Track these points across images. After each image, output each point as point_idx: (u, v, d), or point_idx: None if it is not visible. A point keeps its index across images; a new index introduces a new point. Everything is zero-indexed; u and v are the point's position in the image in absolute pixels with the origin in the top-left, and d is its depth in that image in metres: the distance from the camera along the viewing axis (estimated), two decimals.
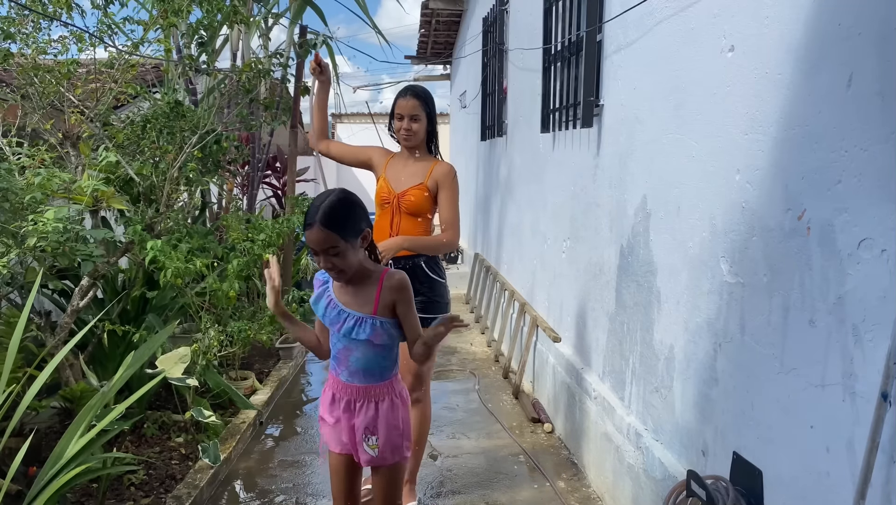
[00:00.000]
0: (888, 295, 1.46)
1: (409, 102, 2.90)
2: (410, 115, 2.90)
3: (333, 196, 1.92)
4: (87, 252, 2.99)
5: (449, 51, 11.17)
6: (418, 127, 2.92)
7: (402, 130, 2.93)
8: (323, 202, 1.89)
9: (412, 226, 2.92)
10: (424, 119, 2.93)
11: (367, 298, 2.02)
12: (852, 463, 1.56)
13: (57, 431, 3.30)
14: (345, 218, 1.90)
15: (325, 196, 1.93)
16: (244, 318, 4.07)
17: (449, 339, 5.99)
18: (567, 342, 3.92)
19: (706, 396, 2.27)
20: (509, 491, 3.25)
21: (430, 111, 2.96)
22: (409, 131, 2.92)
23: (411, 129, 2.91)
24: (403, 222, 2.92)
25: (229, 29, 5.15)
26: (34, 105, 3.38)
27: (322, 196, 1.94)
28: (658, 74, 2.68)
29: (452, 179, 2.94)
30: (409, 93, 2.94)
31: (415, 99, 2.91)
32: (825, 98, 1.68)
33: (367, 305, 2.01)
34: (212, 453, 3.18)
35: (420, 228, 2.94)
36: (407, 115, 2.91)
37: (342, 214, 1.90)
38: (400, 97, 2.94)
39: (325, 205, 1.88)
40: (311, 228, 1.88)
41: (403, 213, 2.92)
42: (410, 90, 2.96)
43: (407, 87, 3.01)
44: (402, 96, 2.94)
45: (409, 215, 2.92)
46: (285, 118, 5.29)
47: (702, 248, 2.31)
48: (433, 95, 3.02)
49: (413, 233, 2.91)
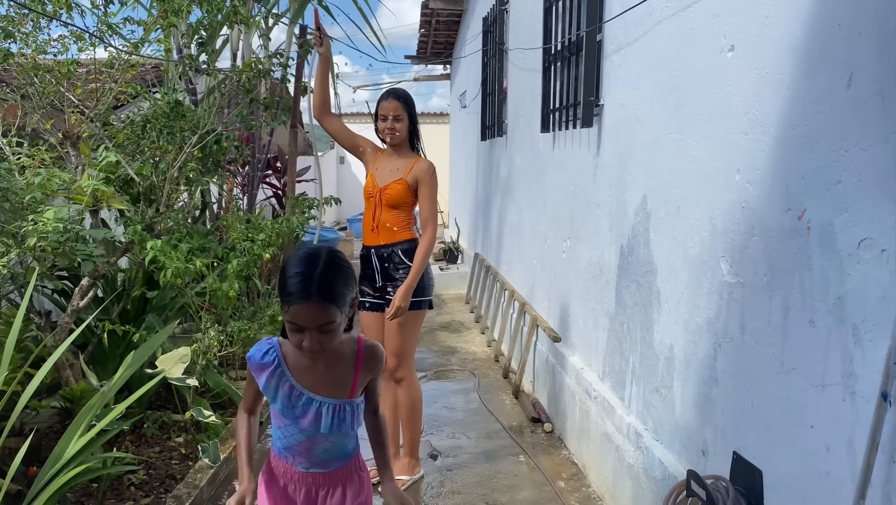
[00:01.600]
0: (888, 295, 1.46)
1: (391, 104, 3.17)
2: (393, 115, 3.16)
3: (325, 261, 1.55)
4: (87, 252, 2.99)
5: (449, 51, 11.16)
6: (401, 126, 3.17)
7: (386, 130, 3.18)
8: (315, 270, 1.52)
9: (391, 217, 3.18)
10: (406, 119, 3.18)
11: (340, 377, 1.68)
12: (852, 463, 1.56)
13: (57, 431, 3.30)
14: (343, 286, 1.56)
15: (311, 261, 1.55)
16: (244, 318, 4.07)
17: (449, 338, 6.00)
18: (567, 342, 3.92)
19: (706, 396, 2.27)
20: (509, 491, 3.25)
21: (411, 111, 3.21)
22: (393, 130, 3.16)
23: (394, 128, 3.16)
24: (385, 213, 3.17)
25: (229, 29, 5.15)
26: (34, 105, 3.38)
27: (307, 261, 1.55)
28: (658, 74, 2.68)
29: (431, 176, 3.18)
30: (390, 95, 3.20)
31: (396, 101, 3.17)
32: (825, 98, 1.68)
33: (341, 386, 1.68)
34: (212, 453, 3.18)
35: (399, 218, 3.19)
36: (390, 116, 3.16)
37: (341, 283, 1.55)
38: (382, 100, 3.21)
39: (321, 273, 1.52)
40: (306, 303, 1.50)
41: (385, 205, 3.17)
42: (392, 93, 3.22)
43: (388, 90, 3.27)
44: (384, 99, 3.20)
45: (389, 207, 3.17)
46: (285, 118, 5.28)
47: (702, 248, 2.31)
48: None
49: (393, 221, 3.17)
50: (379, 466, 1.82)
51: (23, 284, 3.24)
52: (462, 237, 9.69)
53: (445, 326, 6.48)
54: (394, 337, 3.15)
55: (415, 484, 3.28)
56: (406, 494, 1.82)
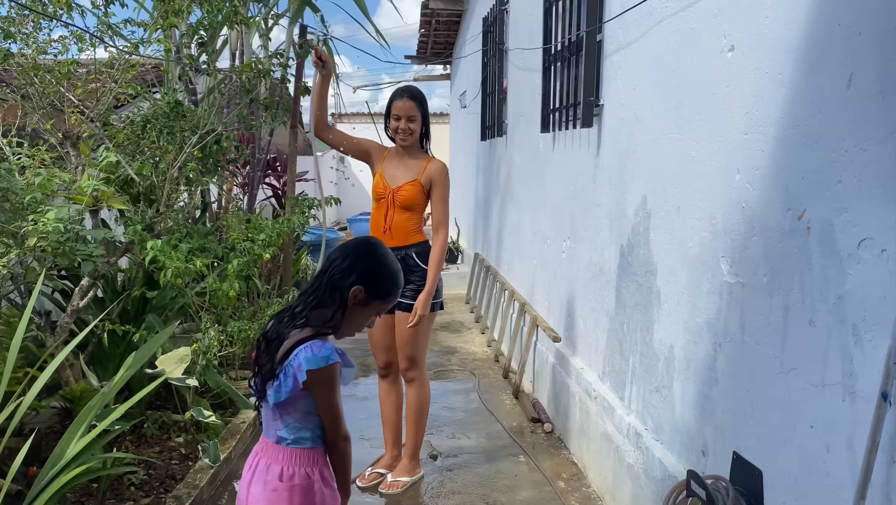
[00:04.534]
0: (888, 295, 1.46)
1: (406, 104, 3.06)
2: (408, 116, 3.07)
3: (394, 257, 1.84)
4: (87, 252, 2.99)
5: (449, 51, 11.16)
6: (415, 127, 3.09)
7: (400, 131, 3.08)
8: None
9: (405, 219, 3.11)
10: (420, 119, 3.10)
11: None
12: (852, 463, 1.56)
13: (57, 431, 3.30)
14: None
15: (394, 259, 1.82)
16: (244, 318, 4.06)
17: (449, 338, 6.00)
18: (567, 342, 3.92)
19: (706, 396, 2.27)
20: (509, 491, 3.25)
21: (425, 111, 3.15)
22: (406, 132, 3.08)
23: (408, 129, 3.08)
24: (397, 216, 3.11)
25: (230, 29, 5.15)
26: (34, 105, 3.37)
27: (392, 258, 1.82)
28: (658, 74, 2.68)
29: (445, 177, 3.13)
30: (405, 95, 3.09)
31: (411, 101, 3.07)
32: (825, 98, 1.68)
33: None
34: (212, 453, 3.18)
35: (412, 221, 3.13)
36: (404, 117, 3.07)
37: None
38: (397, 99, 3.09)
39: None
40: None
41: (397, 207, 3.11)
42: (407, 92, 3.11)
43: (402, 89, 3.15)
44: (398, 98, 3.09)
45: (402, 209, 3.11)
46: (285, 118, 5.27)
47: (702, 248, 2.31)
48: (432, 94, 3.10)
49: (405, 226, 3.10)
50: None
51: (23, 284, 3.24)
52: (462, 237, 9.69)
53: (445, 326, 6.47)
54: (408, 341, 3.14)
55: (415, 485, 3.28)
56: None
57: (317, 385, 1.65)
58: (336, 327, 1.73)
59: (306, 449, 1.73)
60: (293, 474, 1.71)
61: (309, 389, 1.66)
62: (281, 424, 1.73)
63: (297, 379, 1.63)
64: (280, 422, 1.73)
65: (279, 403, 1.68)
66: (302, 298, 1.77)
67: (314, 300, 1.73)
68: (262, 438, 1.80)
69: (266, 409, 1.76)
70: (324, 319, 1.71)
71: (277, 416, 1.72)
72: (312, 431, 1.73)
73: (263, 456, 1.77)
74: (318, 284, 1.75)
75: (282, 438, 1.73)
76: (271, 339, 1.73)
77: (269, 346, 1.72)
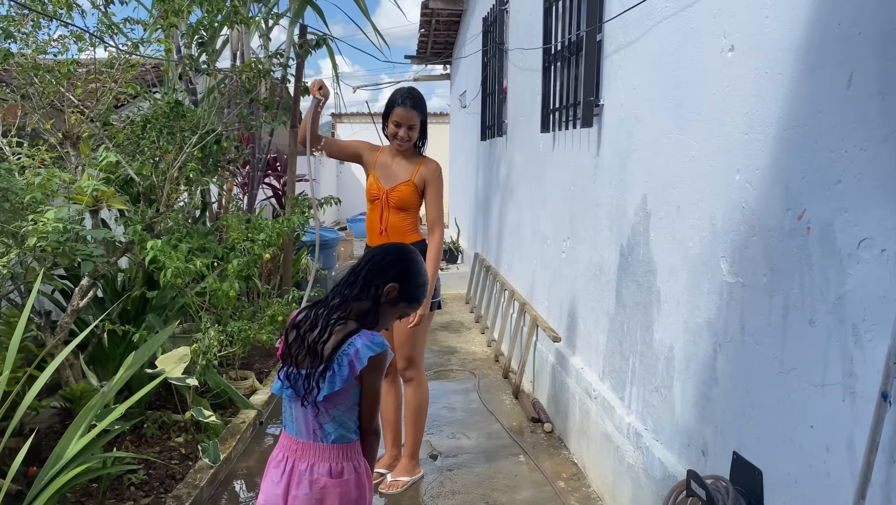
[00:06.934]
0: (888, 295, 1.46)
1: (408, 113, 3.03)
2: (409, 124, 3.05)
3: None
4: (87, 252, 2.98)
5: (449, 51, 11.16)
6: (414, 134, 3.09)
7: (399, 137, 3.06)
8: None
9: (400, 220, 3.11)
10: (419, 126, 3.10)
11: None
12: (852, 463, 1.56)
13: (57, 431, 3.30)
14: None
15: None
16: (244, 318, 4.07)
17: (449, 338, 6.00)
18: (567, 342, 3.92)
19: (706, 396, 2.27)
20: (509, 491, 3.25)
21: (425, 118, 3.16)
22: (405, 139, 3.07)
23: (408, 136, 3.07)
24: (392, 216, 3.11)
25: (230, 29, 5.15)
26: (34, 105, 3.37)
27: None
28: (658, 74, 2.68)
29: (439, 176, 3.14)
30: (407, 102, 3.02)
31: (413, 110, 3.03)
32: (825, 98, 1.68)
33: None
34: (212, 453, 3.18)
35: (407, 222, 3.13)
36: (405, 125, 3.05)
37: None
38: (398, 105, 3.03)
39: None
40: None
41: (392, 207, 3.10)
42: (409, 99, 3.04)
43: (405, 94, 3.07)
44: (400, 105, 3.03)
45: (396, 210, 3.10)
46: (285, 118, 5.28)
47: (702, 248, 2.31)
48: (432, 94, 3.09)
49: (401, 226, 3.10)
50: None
51: (23, 284, 3.24)
52: (462, 237, 9.68)
53: (445, 325, 6.48)
54: (406, 341, 3.14)
55: (415, 484, 3.28)
56: None
57: (370, 371, 1.71)
58: (374, 323, 1.79)
59: (350, 444, 1.78)
60: (342, 470, 1.75)
61: (360, 378, 1.71)
62: (327, 418, 1.75)
63: (355, 366, 1.68)
64: (326, 416, 1.74)
65: (328, 396, 1.71)
66: (337, 290, 1.81)
67: (352, 293, 1.78)
68: (291, 440, 1.80)
69: (299, 409, 1.77)
70: (363, 312, 1.77)
71: (322, 410, 1.74)
72: (354, 423, 1.78)
73: (301, 458, 1.77)
74: (355, 279, 1.80)
75: (327, 433, 1.75)
76: (308, 330, 1.76)
77: (307, 337, 1.75)
